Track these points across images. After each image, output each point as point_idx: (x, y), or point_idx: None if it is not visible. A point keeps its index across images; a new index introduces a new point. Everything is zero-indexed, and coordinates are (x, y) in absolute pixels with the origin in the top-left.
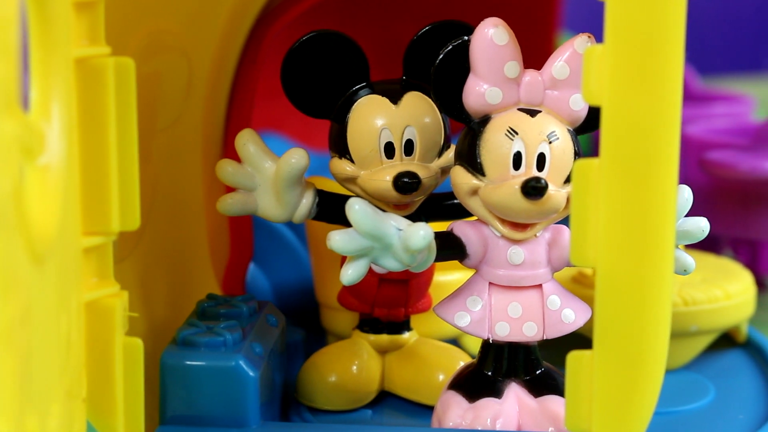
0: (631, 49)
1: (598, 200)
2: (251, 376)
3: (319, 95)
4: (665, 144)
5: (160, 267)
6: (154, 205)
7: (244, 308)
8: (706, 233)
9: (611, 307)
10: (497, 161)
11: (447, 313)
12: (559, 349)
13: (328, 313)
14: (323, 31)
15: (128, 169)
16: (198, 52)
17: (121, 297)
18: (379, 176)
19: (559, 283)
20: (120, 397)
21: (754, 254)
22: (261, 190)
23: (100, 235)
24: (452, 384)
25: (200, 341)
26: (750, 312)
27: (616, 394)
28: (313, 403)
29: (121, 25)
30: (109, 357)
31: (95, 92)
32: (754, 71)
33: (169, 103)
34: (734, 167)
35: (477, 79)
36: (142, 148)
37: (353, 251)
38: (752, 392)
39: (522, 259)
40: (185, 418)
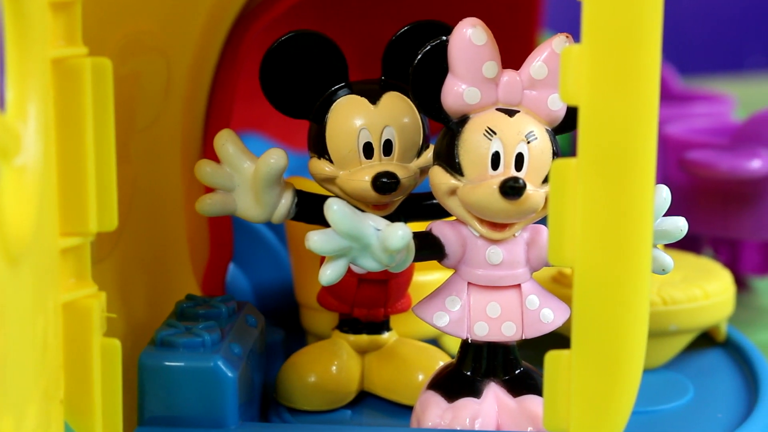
0: (608, 49)
1: (576, 200)
2: (230, 377)
3: (298, 95)
4: (642, 144)
5: (139, 268)
6: (133, 206)
7: (223, 309)
8: (684, 233)
9: (589, 307)
10: (475, 161)
11: (426, 313)
12: (538, 349)
13: (307, 314)
14: (302, 31)
15: (106, 170)
16: (177, 52)
17: (99, 298)
18: (358, 176)
19: (537, 282)
20: (98, 398)
21: (735, 253)
22: (240, 190)
23: (77, 235)
24: (431, 384)
25: (179, 342)
26: (729, 311)
27: (594, 393)
28: (292, 403)
29: (99, 26)
30: (86, 358)
31: (72, 93)
32: (736, 71)
33: (148, 104)
34: (714, 167)
35: (455, 79)
36: (121, 149)
37: (332, 251)
38: (731, 391)
39: (500, 259)
40: (164, 419)
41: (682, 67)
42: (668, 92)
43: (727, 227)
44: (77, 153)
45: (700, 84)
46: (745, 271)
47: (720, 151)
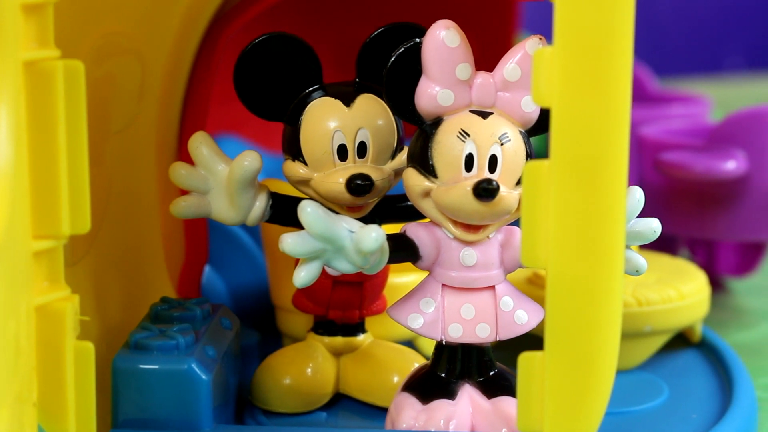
0: (580, 51)
1: (549, 202)
2: (204, 380)
3: (272, 98)
4: (615, 145)
5: (114, 270)
6: (108, 209)
7: (198, 311)
8: (657, 234)
9: (562, 308)
10: (449, 163)
11: (400, 315)
12: (512, 350)
13: (283, 316)
14: (275, 34)
15: (78, 172)
16: (152, 54)
17: (72, 301)
18: (332, 178)
19: (512, 284)
20: (71, 401)
21: (711, 254)
22: (214, 192)
23: (50, 238)
24: (406, 386)
25: (153, 345)
26: (704, 312)
27: (567, 394)
28: (267, 405)
29: (73, 28)
30: (60, 361)
31: (45, 95)
32: (713, 72)
33: (123, 106)
34: (690, 168)
35: (429, 81)
36: (95, 152)
37: (305, 253)
38: (706, 392)
39: (475, 261)
40: (138, 422)
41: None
42: (644, 93)
43: (703, 228)
44: (50, 156)
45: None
46: (721, 272)
47: (695, 153)
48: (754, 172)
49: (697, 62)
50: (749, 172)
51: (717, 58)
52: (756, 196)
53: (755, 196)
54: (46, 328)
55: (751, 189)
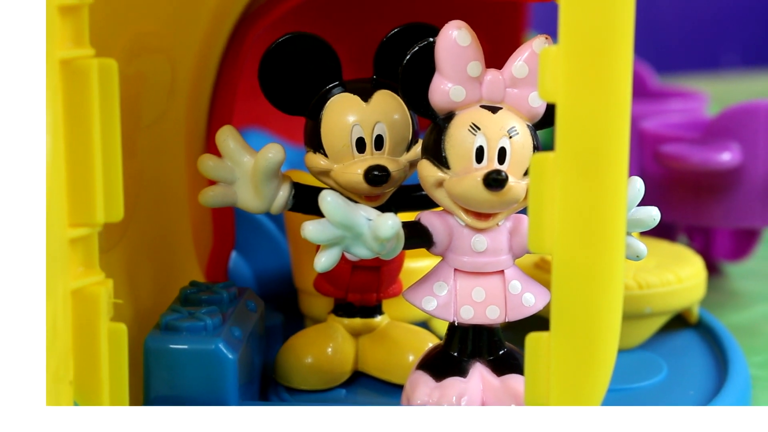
0: (583, 50)
1: (554, 191)
2: (230, 359)
3: (295, 93)
4: (616, 138)
5: (146, 256)
6: (140, 198)
7: (225, 294)
8: (657, 221)
9: (566, 291)
10: (461, 155)
11: (415, 298)
12: (520, 331)
13: (305, 299)
14: (298, 33)
15: (112, 164)
16: (181, 53)
17: (106, 285)
18: (351, 170)
19: (519, 268)
20: (105, 379)
21: (707, 240)
22: (240, 183)
23: (85, 226)
24: (420, 364)
25: (182, 326)
26: (701, 295)
27: (571, 372)
28: (290, 383)
29: (107, 28)
30: (95, 341)
31: (80, 92)
32: (710, 69)
33: (153, 102)
34: (687, 159)
35: (442, 78)
36: (127, 144)
37: (326, 240)
38: (702, 370)
39: (485, 247)
40: (168, 399)
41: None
42: (645, 89)
43: (700, 216)
44: (85, 148)
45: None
46: (718, 257)
47: (693, 145)
48: (748, 163)
49: (695, 60)
50: (743, 163)
51: (714, 55)
52: (749, 185)
53: (749, 186)
54: (81, 311)
55: (745, 179)
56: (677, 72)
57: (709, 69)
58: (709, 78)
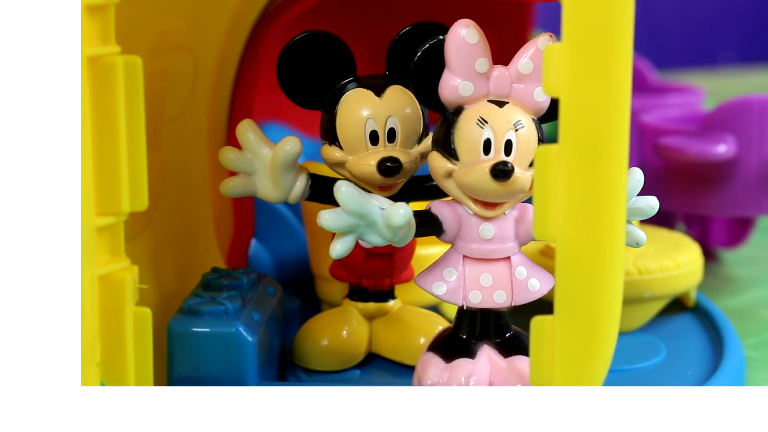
0: (585, 47)
1: (558, 181)
2: (250, 341)
3: (311, 88)
4: (617, 131)
5: (169, 243)
6: (164, 188)
7: (245, 280)
8: (656, 210)
9: (570, 277)
10: (469, 147)
11: (426, 283)
12: (526, 314)
13: (321, 284)
14: (314, 32)
15: (137, 156)
16: (203, 50)
17: (132, 271)
18: (365, 161)
19: (525, 255)
20: (131, 361)
21: (704, 228)
22: (260, 173)
23: (111, 215)
24: (431, 346)
25: (204, 310)
26: (698, 280)
27: (574, 353)
28: (307, 364)
29: (132, 27)
30: (120, 325)
31: (107, 87)
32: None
33: (176, 97)
34: (685, 151)
35: (451, 74)
36: (152, 137)
37: (341, 228)
38: (699, 351)
39: (492, 235)
40: (190, 379)
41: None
42: (645, 85)
43: (697, 205)
44: (111, 141)
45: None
46: (714, 244)
47: (690, 137)
48: (742, 154)
49: (693, 56)
50: (738, 155)
51: (711, 52)
52: (744, 176)
53: (743, 176)
54: (108, 296)
55: (740, 170)
56: (676, 68)
57: (707, 65)
58: (706, 74)
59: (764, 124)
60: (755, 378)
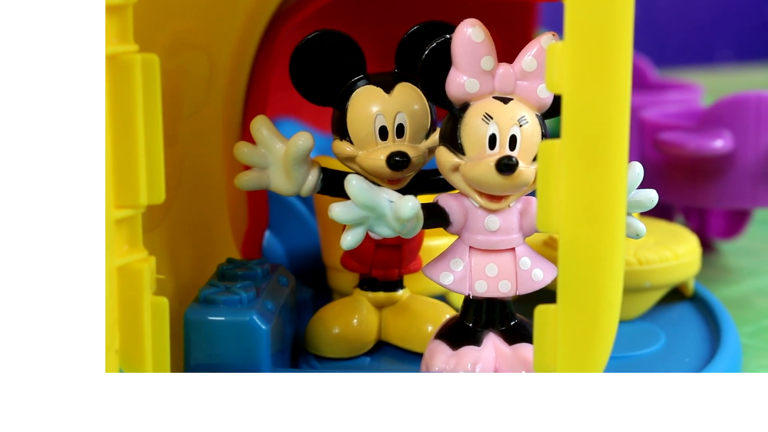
0: (587, 46)
1: (560, 175)
2: (263, 329)
3: (323, 86)
4: (617, 126)
5: (186, 235)
6: (181, 182)
7: (259, 270)
8: (655, 203)
9: (572, 267)
10: (475, 142)
11: (433, 273)
12: (530, 303)
13: (333, 274)
14: (326, 31)
15: (154, 151)
16: (218, 48)
17: (149, 262)
18: (375, 155)
19: (529, 246)
20: (149, 349)
21: (702, 220)
22: (273, 168)
23: (130, 207)
24: (438, 334)
25: (219, 299)
26: (696, 270)
27: (577, 341)
28: (319, 351)
29: (149, 26)
30: (138, 314)
31: (125, 84)
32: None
33: (193, 94)
34: (684, 146)
35: (457, 72)
36: (169, 133)
37: (351, 220)
38: (697, 339)
39: (497, 226)
40: (206, 366)
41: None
42: (645, 82)
43: (695, 197)
44: (129, 137)
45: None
46: (712, 235)
47: (689, 133)
48: (739, 149)
49: (691, 55)
50: (734, 150)
51: (709, 51)
52: (740, 169)
53: (740, 170)
54: (126, 286)
55: (736, 164)
56: (675, 66)
57: (705, 63)
58: (704, 72)
59: (760, 119)
60: (751, 365)
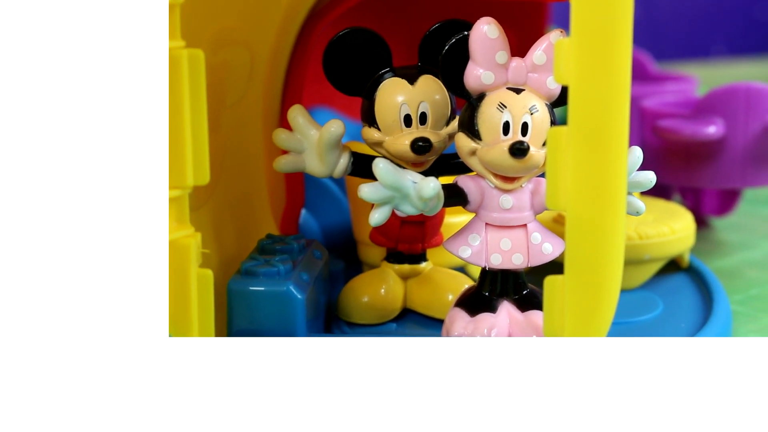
0: (591, 42)
1: (567, 158)
2: (299, 298)
3: (353, 78)
4: (618, 114)
5: (229, 213)
6: (224, 165)
7: (295, 245)
8: (653, 183)
9: (578, 241)
10: (491, 129)
11: (453, 247)
12: (540, 274)
13: (363, 248)
14: (356, 28)
15: (199, 137)
16: (258, 44)
17: (196, 237)
18: (400, 141)
19: (540, 223)
20: (195, 317)
21: (697, 198)
22: (308, 152)
23: (178, 188)
24: (457, 302)
25: (259, 271)
26: (691, 244)
27: (582, 308)
28: (350, 318)
29: (195, 24)
30: (186, 285)
31: (172, 77)
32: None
33: (235, 86)
34: (680, 132)
35: (474, 65)
36: (213, 121)
37: (379, 199)
38: (692, 306)
39: (511, 205)
40: (247, 332)
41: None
42: (646, 74)
43: (690, 178)
44: (177, 125)
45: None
46: (705, 213)
47: (684, 120)
48: (730, 134)
49: (688, 49)
50: (726, 135)
51: (704, 46)
52: (731, 153)
53: (731, 153)
54: (175, 259)
55: (728, 148)
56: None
57: (700, 57)
58: (699, 65)
59: (749, 108)
60: (741, 329)
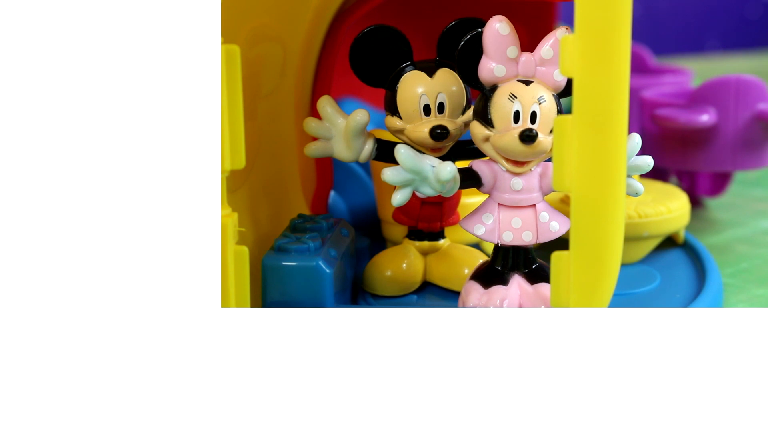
0: (593, 38)
1: (572, 144)
2: (327, 273)
3: (377, 71)
4: (618, 104)
5: (264, 195)
6: (259, 151)
7: (324, 224)
8: (651, 167)
9: (582, 220)
10: (502, 117)
11: (469, 225)
12: (548, 250)
13: (386, 227)
14: (380, 25)
15: (236, 125)
16: (291, 40)
17: (233, 217)
18: (420, 128)
19: (548, 203)
20: (232, 289)
21: (692, 180)
22: (336, 139)
23: None
24: (472, 276)
25: (291, 248)
26: (686, 222)
27: (586, 280)
28: (374, 290)
29: (232, 21)
30: (224, 260)
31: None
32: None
33: (269, 78)
34: (676, 120)
35: (488, 59)
36: (249, 110)
37: (400, 182)
38: (686, 279)
39: (521, 187)
40: (280, 303)
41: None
42: (645, 67)
43: (686, 162)
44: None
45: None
46: (700, 193)
47: (680, 109)
48: (721, 122)
49: (684, 44)
50: (718, 123)
51: (699, 41)
52: (723, 139)
53: (722, 139)
54: None
55: (720, 134)
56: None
57: (695, 52)
58: (694, 58)
59: (739, 98)
60: (731, 300)
